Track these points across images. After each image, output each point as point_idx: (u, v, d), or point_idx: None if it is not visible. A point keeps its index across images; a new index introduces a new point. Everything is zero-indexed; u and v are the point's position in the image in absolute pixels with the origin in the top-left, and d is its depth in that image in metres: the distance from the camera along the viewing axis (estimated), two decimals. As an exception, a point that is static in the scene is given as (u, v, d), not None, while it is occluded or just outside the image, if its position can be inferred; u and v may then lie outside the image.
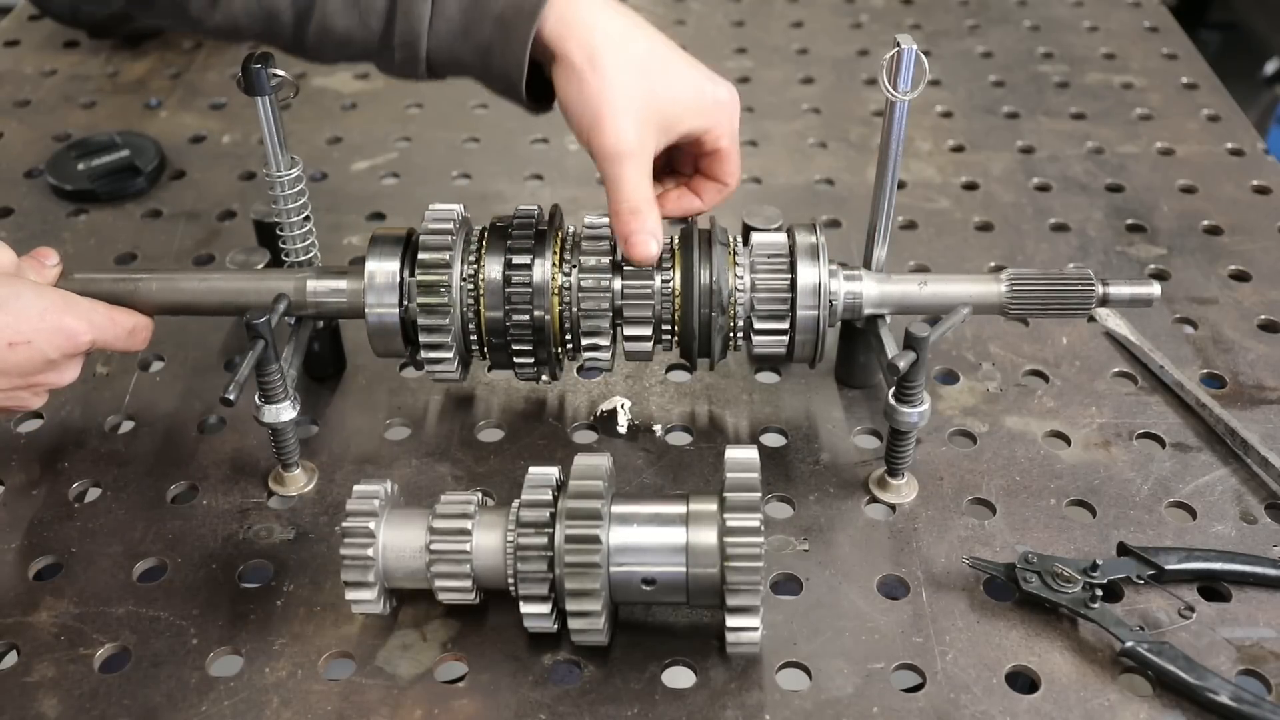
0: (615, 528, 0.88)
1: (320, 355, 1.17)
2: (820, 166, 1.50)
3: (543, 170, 1.50)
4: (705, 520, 0.88)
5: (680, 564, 0.87)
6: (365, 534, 0.89)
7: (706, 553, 0.86)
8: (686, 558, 0.87)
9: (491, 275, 1.02)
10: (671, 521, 0.88)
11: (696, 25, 1.83)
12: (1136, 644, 0.89)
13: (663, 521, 0.88)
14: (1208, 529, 1.01)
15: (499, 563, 0.89)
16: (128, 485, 1.07)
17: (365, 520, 0.89)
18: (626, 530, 0.88)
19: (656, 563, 0.87)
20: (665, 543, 0.87)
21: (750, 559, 0.83)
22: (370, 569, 0.89)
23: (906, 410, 0.98)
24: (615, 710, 0.88)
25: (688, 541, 0.87)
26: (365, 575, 0.89)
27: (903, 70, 0.97)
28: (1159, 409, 1.14)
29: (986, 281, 1.05)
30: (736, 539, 0.84)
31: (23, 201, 1.46)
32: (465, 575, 0.89)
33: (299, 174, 1.07)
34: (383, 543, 0.90)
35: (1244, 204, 1.43)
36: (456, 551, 0.89)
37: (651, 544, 0.87)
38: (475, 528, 0.90)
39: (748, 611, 0.84)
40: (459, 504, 0.91)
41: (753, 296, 1.03)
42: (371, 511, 0.89)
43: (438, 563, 0.89)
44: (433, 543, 0.89)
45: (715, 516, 0.87)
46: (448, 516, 0.90)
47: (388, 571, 0.90)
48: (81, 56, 1.76)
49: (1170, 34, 1.80)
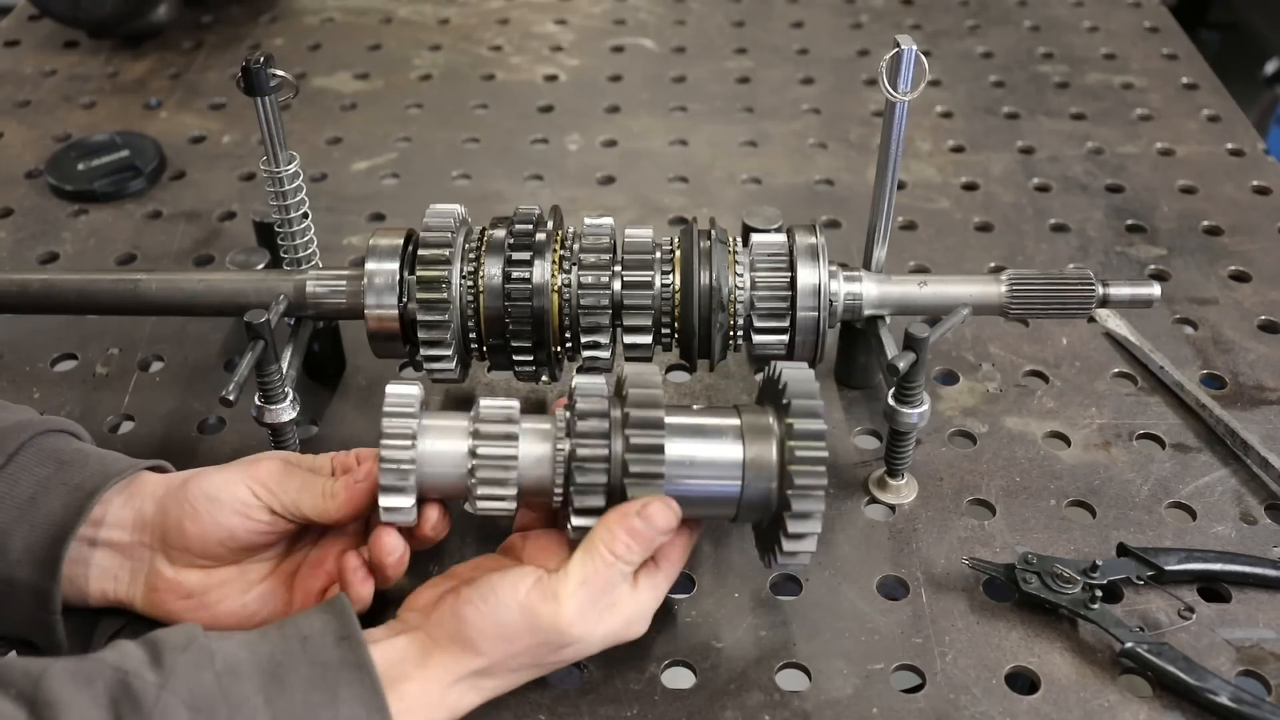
0: (672, 439, 0.87)
1: (320, 355, 1.17)
2: (820, 167, 1.50)
3: (543, 170, 1.50)
4: (762, 434, 0.87)
5: (737, 478, 0.87)
6: (406, 436, 0.85)
7: (765, 466, 0.86)
8: (744, 472, 0.86)
9: (491, 275, 1.02)
10: (726, 435, 0.87)
11: (696, 25, 1.83)
12: (1136, 645, 0.89)
13: (717, 435, 0.87)
14: (1207, 530, 1.01)
15: (546, 473, 0.87)
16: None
17: (406, 422, 0.86)
18: (684, 443, 0.87)
19: (714, 476, 0.87)
20: (724, 457, 0.87)
21: (817, 463, 0.84)
22: (410, 474, 0.85)
23: (906, 411, 0.98)
24: (615, 710, 0.88)
25: (744, 457, 0.87)
26: (404, 480, 0.85)
27: (903, 71, 0.97)
28: (1159, 410, 1.14)
29: (986, 282, 1.05)
30: (802, 443, 0.84)
31: (23, 201, 1.46)
32: (511, 483, 0.86)
33: (297, 170, 1.07)
34: (421, 448, 0.86)
35: (1244, 204, 1.43)
36: (503, 457, 0.85)
37: (710, 458, 0.87)
38: (521, 435, 0.87)
39: (809, 518, 0.85)
40: (502, 410, 0.87)
41: (753, 296, 1.03)
42: (412, 413, 0.86)
43: (482, 468, 0.86)
44: (477, 447, 0.86)
45: (771, 429, 0.87)
46: (492, 421, 0.86)
47: (423, 480, 0.87)
48: (81, 56, 1.76)
49: (1170, 34, 1.80)
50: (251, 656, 0.77)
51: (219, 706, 0.74)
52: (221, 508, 0.87)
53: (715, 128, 1.58)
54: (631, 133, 1.58)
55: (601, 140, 1.56)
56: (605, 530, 0.84)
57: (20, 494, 0.87)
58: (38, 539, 0.86)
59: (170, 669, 0.74)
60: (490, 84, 1.70)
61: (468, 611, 0.82)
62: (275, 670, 0.77)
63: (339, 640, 0.79)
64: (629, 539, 0.84)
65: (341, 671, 0.77)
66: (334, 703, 0.76)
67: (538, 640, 0.82)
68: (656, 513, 0.84)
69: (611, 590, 0.84)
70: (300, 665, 0.77)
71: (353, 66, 1.73)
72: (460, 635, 0.82)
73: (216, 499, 0.88)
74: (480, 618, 0.82)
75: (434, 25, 1.85)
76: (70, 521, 0.86)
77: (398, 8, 1.89)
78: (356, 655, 0.78)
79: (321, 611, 0.82)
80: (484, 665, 0.82)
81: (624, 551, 0.84)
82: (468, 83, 1.70)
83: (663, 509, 0.85)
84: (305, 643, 0.79)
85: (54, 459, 0.90)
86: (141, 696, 0.72)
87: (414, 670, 0.81)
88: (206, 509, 0.87)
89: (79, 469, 0.90)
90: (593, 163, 1.52)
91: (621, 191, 1.46)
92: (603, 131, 1.58)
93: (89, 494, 0.87)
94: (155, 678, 0.74)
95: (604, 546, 0.84)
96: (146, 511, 0.89)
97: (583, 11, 1.88)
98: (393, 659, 0.81)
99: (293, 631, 0.80)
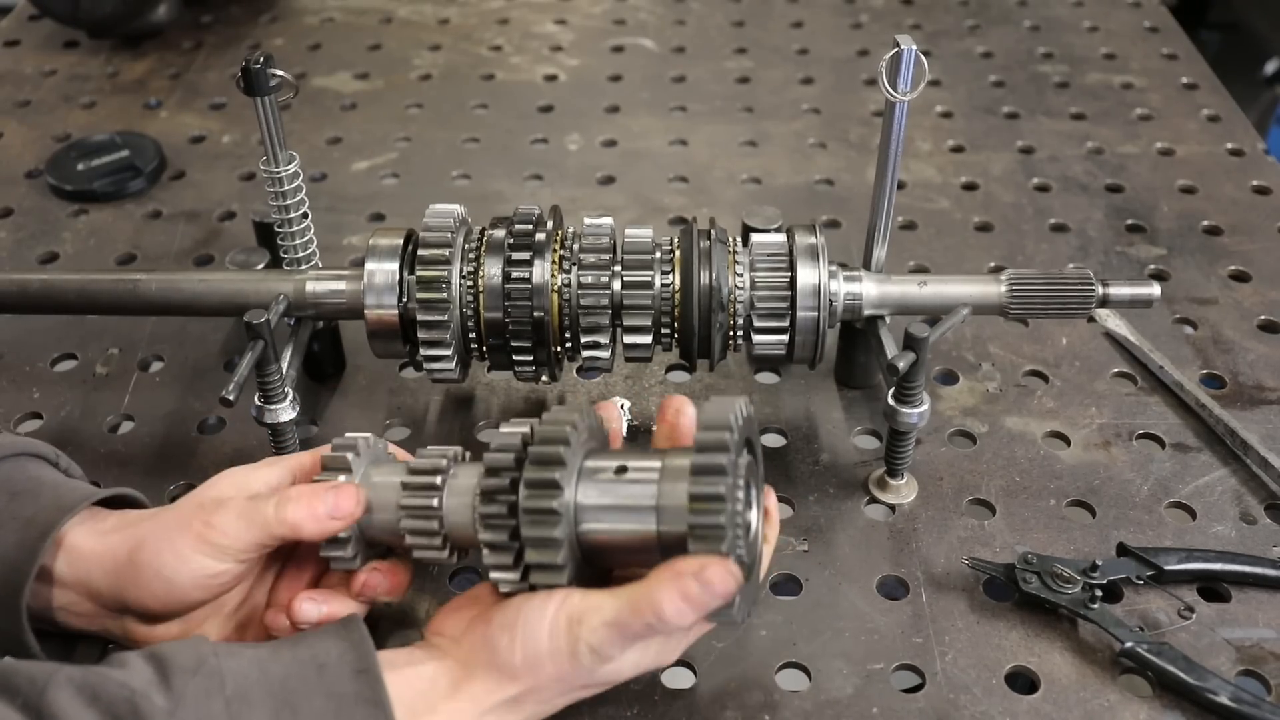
0: (583, 484, 0.82)
1: (320, 355, 1.17)
2: (820, 167, 1.50)
3: (543, 170, 1.50)
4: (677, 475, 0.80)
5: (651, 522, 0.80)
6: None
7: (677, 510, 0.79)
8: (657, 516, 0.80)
9: (491, 275, 1.02)
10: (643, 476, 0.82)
11: (696, 25, 1.83)
12: (1136, 644, 0.89)
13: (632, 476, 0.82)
14: (1207, 529, 1.01)
15: (468, 519, 0.84)
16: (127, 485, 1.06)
17: (338, 473, 0.86)
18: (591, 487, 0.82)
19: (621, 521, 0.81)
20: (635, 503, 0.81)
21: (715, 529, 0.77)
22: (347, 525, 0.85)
23: (906, 411, 0.98)
24: (615, 710, 0.88)
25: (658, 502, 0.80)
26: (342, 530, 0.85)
27: (902, 70, 0.97)
28: (1159, 409, 1.14)
29: (986, 282, 1.05)
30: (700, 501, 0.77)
31: (23, 201, 1.46)
32: (435, 533, 0.85)
33: (297, 170, 1.07)
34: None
35: (1244, 204, 1.43)
36: (425, 507, 0.84)
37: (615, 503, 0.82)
38: (446, 485, 0.85)
39: None
40: (433, 458, 0.86)
41: (752, 296, 1.03)
42: (345, 466, 0.86)
43: (408, 517, 0.85)
44: (403, 499, 0.85)
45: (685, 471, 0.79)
46: (420, 472, 0.86)
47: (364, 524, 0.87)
48: (81, 56, 1.76)
49: (1170, 34, 1.80)
50: (263, 679, 0.74)
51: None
52: (183, 584, 0.83)
53: (715, 128, 1.58)
54: (631, 133, 1.58)
55: (601, 140, 1.56)
56: (656, 588, 0.76)
57: None
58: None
59: (180, 694, 0.72)
60: (490, 84, 1.70)
61: (500, 640, 0.79)
62: (288, 698, 0.74)
63: (356, 673, 0.76)
64: (683, 604, 0.76)
65: (357, 707, 0.75)
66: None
67: (561, 669, 0.79)
68: (716, 577, 0.75)
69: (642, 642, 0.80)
70: (315, 696, 0.75)
71: (353, 66, 1.73)
72: (493, 664, 0.79)
73: (175, 578, 0.83)
74: (511, 645, 0.79)
75: (434, 25, 1.85)
76: (23, 566, 0.82)
77: (398, 8, 1.89)
78: (374, 691, 0.75)
79: (338, 637, 0.79)
80: (515, 693, 0.79)
81: (674, 616, 0.76)
82: (468, 83, 1.70)
83: (723, 573, 0.75)
84: (321, 671, 0.76)
85: (7, 490, 0.86)
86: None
87: (441, 703, 0.78)
88: (166, 588, 0.83)
89: (30, 502, 0.85)
90: (593, 163, 1.52)
91: (621, 191, 1.46)
92: (603, 131, 1.58)
93: (40, 533, 0.83)
94: (164, 702, 0.71)
95: (647, 606, 0.76)
96: (99, 586, 0.84)
97: (583, 11, 1.88)
98: (420, 689, 0.78)
99: (307, 655, 0.77)
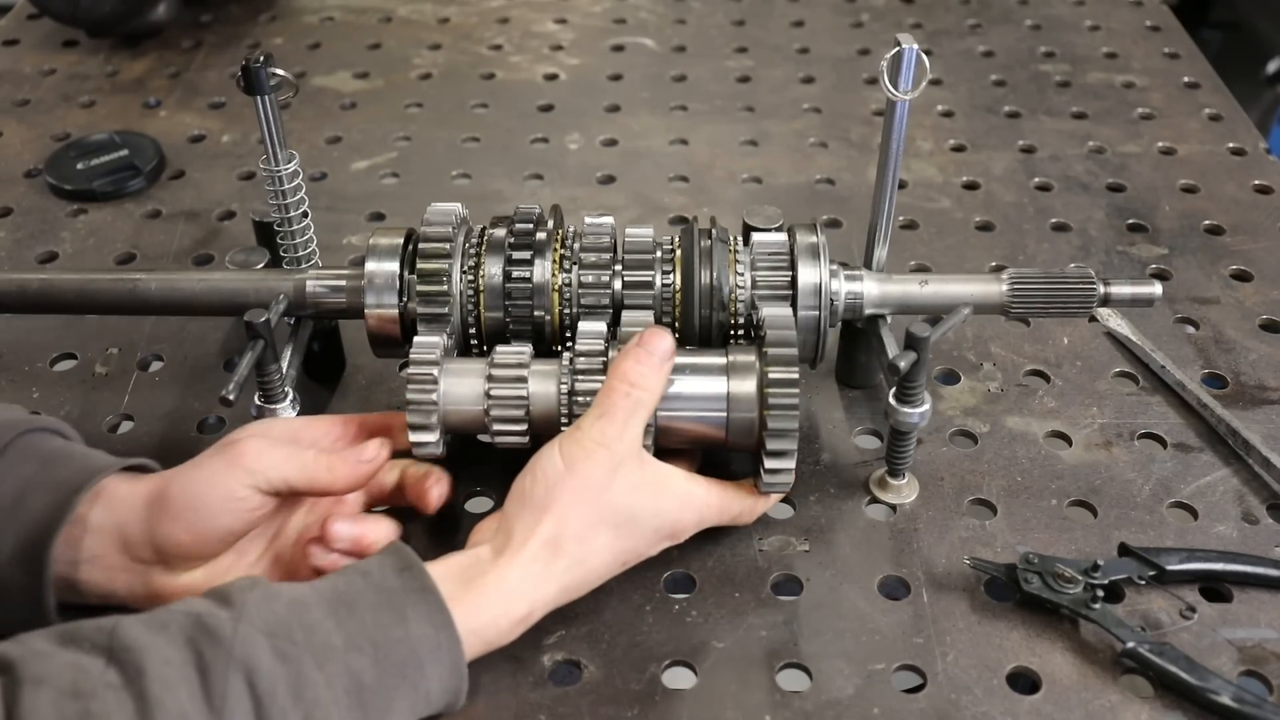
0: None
1: (320, 355, 1.17)
2: (821, 166, 1.50)
3: (543, 170, 1.50)
4: (745, 371, 0.96)
5: (722, 410, 0.95)
6: (429, 380, 0.95)
7: (746, 400, 0.95)
8: (728, 405, 0.94)
9: (491, 274, 1.02)
10: (714, 371, 0.96)
11: (696, 25, 1.83)
12: (1138, 645, 0.88)
13: (706, 372, 0.96)
14: (1209, 529, 1.01)
15: (553, 407, 0.96)
16: (127, 485, 1.07)
17: (429, 368, 0.95)
18: (676, 379, 0.95)
19: (701, 409, 0.95)
20: (710, 391, 0.95)
21: (788, 408, 0.92)
22: (434, 413, 0.95)
23: (907, 410, 0.98)
24: (615, 710, 0.87)
25: (729, 391, 0.95)
26: (429, 418, 0.95)
27: (903, 70, 0.97)
28: (1160, 409, 1.13)
29: (987, 281, 1.05)
30: (776, 389, 0.92)
31: (22, 201, 1.45)
32: (521, 419, 0.96)
33: (297, 170, 1.07)
34: (443, 389, 0.96)
35: (1246, 204, 1.42)
36: (514, 397, 0.96)
37: (696, 393, 0.95)
38: (531, 376, 0.96)
39: (784, 455, 0.93)
40: (514, 354, 0.98)
41: (753, 295, 1.02)
42: (434, 360, 0.96)
43: (495, 407, 0.96)
44: (491, 389, 0.95)
45: (753, 367, 0.95)
46: (504, 365, 0.97)
47: (446, 416, 0.96)
48: (80, 56, 1.76)
49: (1172, 33, 1.79)
50: (315, 592, 0.81)
51: (294, 630, 0.76)
52: (211, 508, 0.87)
53: (716, 127, 1.58)
54: (632, 132, 1.57)
55: (602, 139, 1.56)
56: (615, 367, 0.91)
57: (6, 494, 0.87)
58: (24, 539, 0.86)
59: (241, 605, 0.77)
60: (490, 83, 1.70)
61: (523, 483, 0.89)
62: (341, 598, 0.80)
63: (399, 571, 0.83)
64: (634, 362, 0.91)
65: (407, 595, 0.81)
66: (403, 622, 0.80)
67: (574, 485, 0.87)
68: (652, 337, 0.92)
69: (634, 416, 0.90)
70: (366, 593, 0.81)
71: (352, 66, 1.73)
72: (522, 508, 0.88)
73: (204, 501, 0.87)
74: (533, 481, 0.89)
75: (434, 24, 1.84)
76: (54, 521, 0.86)
77: (397, 7, 1.89)
78: (420, 580, 0.82)
79: (377, 555, 0.85)
80: (549, 532, 0.86)
81: (635, 374, 0.90)
82: (467, 82, 1.70)
83: (657, 332, 0.93)
84: (367, 576, 0.82)
85: (38, 457, 0.90)
86: (218, 630, 0.74)
87: (489, 567, 0.86)
88: (195, 516, 0.87)
89: (63, 466, 0.90)
90: (593, 162, 1.52)
91: (622, 191, 1.46)
92: (603, 131, 1.58)
93: (73, 490, 0.87)
94: (229, 613, 0.76)
95: (614, 379, 0.90)
96: (131, 530, 0.88)
97: (583, 10, 1.88)
98: (464, 565, 0.86)
99: (352, 570, 0.84)
